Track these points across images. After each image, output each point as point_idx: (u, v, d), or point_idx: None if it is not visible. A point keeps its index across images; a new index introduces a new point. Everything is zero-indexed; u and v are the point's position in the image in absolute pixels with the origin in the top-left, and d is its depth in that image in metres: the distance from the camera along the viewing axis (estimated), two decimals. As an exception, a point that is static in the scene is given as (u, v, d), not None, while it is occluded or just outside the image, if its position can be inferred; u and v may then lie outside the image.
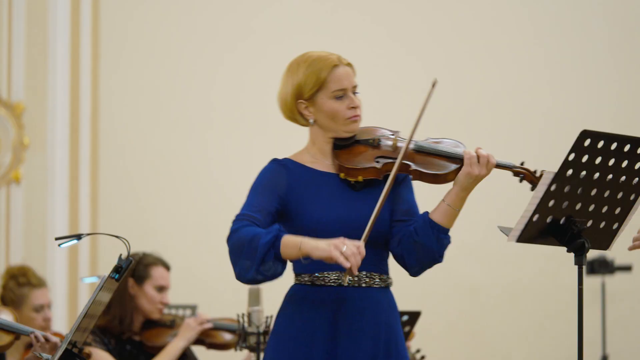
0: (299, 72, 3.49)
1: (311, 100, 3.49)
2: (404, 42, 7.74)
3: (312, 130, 3.54)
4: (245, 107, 7.80)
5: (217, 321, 5.39)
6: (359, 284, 3.43)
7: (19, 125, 7.66)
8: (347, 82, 3.49)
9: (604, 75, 7.64)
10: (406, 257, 3.47)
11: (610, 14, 7.68)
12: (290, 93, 3.51)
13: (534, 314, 7.53)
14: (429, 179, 3.47)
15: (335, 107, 3.47)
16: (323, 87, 3.47)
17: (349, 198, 3.45)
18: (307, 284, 3.46)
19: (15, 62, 7.65)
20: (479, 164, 3.42)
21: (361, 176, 3.45)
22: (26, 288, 5.34)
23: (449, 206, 3.44)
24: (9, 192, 7.65)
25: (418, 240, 3.43)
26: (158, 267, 5.40)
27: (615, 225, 3.48)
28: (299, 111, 3.52)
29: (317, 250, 3.26)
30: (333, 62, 3.49)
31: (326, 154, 3.52)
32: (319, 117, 3.49)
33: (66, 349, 3.82)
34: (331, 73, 3.48)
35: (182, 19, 7.86)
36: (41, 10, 7.66)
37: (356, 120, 3.49)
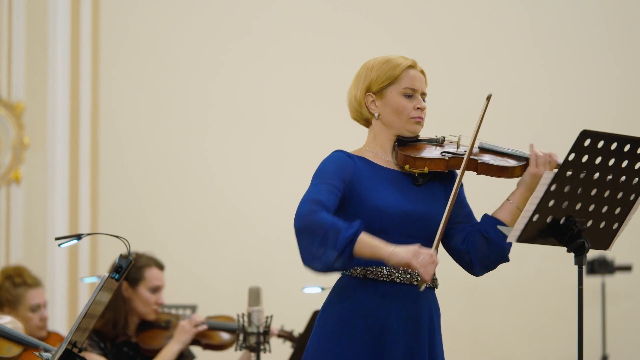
0: (374, 68, 3.58)
1: (380, 93, 3.56)
2: (404, 42, 7.73)
3: (375, 126, 3.59)
4: (245, 107, 7.80)
5: (213, 320, 5.37)
6: (410, 282, 3.47)
7: (19, 125, 7.66)
8: (418, 84, 3.58)
9: (604, 75, 7.64)
10: (473, 254, 3.54)
11: (610, 14, 7.68)
12: (362, 87, 3.58)
13: (534, 314, 7.53)
14: (496, 172, 3.53)
15: (403, 103, 3.54)
16: (395, 82, 3.55)
17: (411, 192, 3.50)
18: (358, 276, 3.46)
19: (15, 62, 7.65)
20: (543, 164, 3.51)
21: (427, 167, 3.50)
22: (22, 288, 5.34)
23: (515, 206, 3.53)
24: (9, 192, 7.65)
25: (489, 237, 3.50)
26: (151, 268, 5.38)
27: (615, 225, 3.48)
28: (366, 104, 3.57)
29: (395, 257, 3.28)
30: (410, 62, 3.59)
31: (387, 151, 3.57)
32: (384, 111, 3.56)
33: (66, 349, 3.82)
34: (405, 71, 3.56)
35: (181, 19, 7.86)
36: (41, 10, 7.66)
37: (420, 122, 3.57)
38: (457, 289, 7.39)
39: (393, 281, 3.44)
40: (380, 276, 3.44)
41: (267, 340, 4.68)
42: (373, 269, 3.44)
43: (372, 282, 3.45)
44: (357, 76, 3.63)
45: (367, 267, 3.44)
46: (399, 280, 3.44)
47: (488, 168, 3.53)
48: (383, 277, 3.44)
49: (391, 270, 3.43)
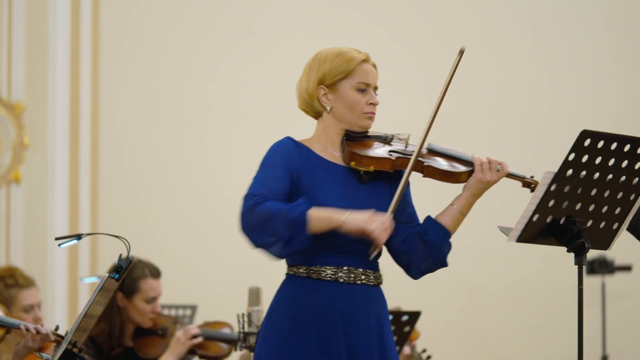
0: (327, 60, 3.57)
1: (332, 87, 3.53)
2: (404, 42, 7.73)
3: (326, 119, 3.55)
4: (244, 106, 7.80)
5: (209, 330, 5.35)
6: (354, 282, 3.42)
7: (19, 125, 7.66)
8: (372, 79, 3.55)
9: (604, 75, 7.64)
10: (411, 256, 3.48)
11: (610, 14, 7.68)
12: (314, 79, 3.55)
13: (534, 314, 7.53)
14: (441, 176, 3.48)
15: (357, 98, 3.51)
16: (349, 77, 3.53)
17: (354, 189, 3.46)
18: (302, 275, 3.44)
19: (15, 62, 7.65)
20: (490, 170, 3.45)
21: (373, 166, 3.45)
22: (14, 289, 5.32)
23: (458, 211, 3.48)
24: (9, 192, 7.65)
25: (427, 240, 3.46)
26: (147, 279, 5.34)
27: (615, 225, 3.48)
28: (317, 97, 3.54)
29: (348, 223, 3.28)
30: (364, 56, 3.59)
31: (335, 146, 3.52)
32: (336, 105, 3.52)
33: (66, 349, 3.82)
34: (360, 65, 3.56)
35: (181, 19, 7.86)
36: (41, 10, 7.66)
37: (372, 117, 3.52)
38: (457, 289, 7.39)
39: (337, 280, 3.41)
40: (324, 276, 3.41)
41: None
42: (317, 268, 3.41)
43: (316, 282, 3.41)
44: (308, 67, 3.60)
45: (310, 266, 3.42)
46: (342, 280, 3.41)
47: (434, 171, 3.47)
48: (327, 277, 3.41)
49: (335, 269, 3.40)
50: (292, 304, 3.43)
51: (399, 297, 6.29)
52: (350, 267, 3.42)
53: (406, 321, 5.17)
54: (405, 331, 5.14)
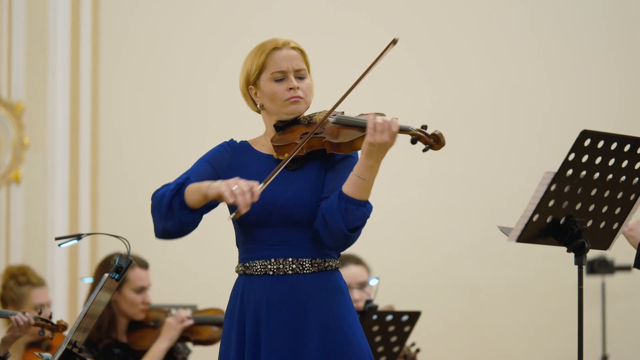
0: (248, 59, 3.57)
1: (256, 85, 3.54)
2: (404, 42, 7.72)
3: (263, 115, 3.59)
4: (244, 107, 7.78)
5: (201, 315, 5.36)
6: (284, 272, 3.41)
7: (19, 125, 7.66)
8: (286, 65, 3.51)
9: (604, 75, 7.64)
10: (320, 232, 3.36)
11: (610, 14, 7.68)
12: (242, 80, 3.58)
13: (534, 314, 7.53)
14: (340, 149, 3.39)
15: (274, 88, 3.50)
16: (263, 70, 3.52)
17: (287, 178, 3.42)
18: (240, 272, 3.52)
19: (15, 62, 7.65)
20: (380, 131, 3.28)
21: (287, 153, 3.42)
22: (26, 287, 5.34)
23: (357, 176, 3.30)
24: (9, 192, 7.65)
25: (325, 214, 3.33)
26: (134, 269, 5.37)
27: (615, 225, 3.48)
28: (250, 97, 3.57)
29: (211, 189, 3.32)
30: (274, 44, 3.54)
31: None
32: (263, 101, 3.54)
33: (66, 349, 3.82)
34: (270, 56, 3.52)
35: (181, 19, 7.86)
36: (41, 10, 7.65)
37: (296, 101, 3.50)
38: (457, 289, 7.39)
39: (267, 273, 3.42)
40: (256, 271, 3.45)
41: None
42: (249, 264, 3.47)
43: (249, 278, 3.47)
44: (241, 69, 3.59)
45: (244, 263, 3.49)
46: (272, 272, 3.42)
47: (332, 146, 3.38)
48: (257, 272, 3.45)
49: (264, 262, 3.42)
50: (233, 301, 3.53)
51: (399, 297, 6.29)
52: (279, 258, 3.41)
53: (406, 321, 5.17)
54: (405, 331, 5.14)
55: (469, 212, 7.34)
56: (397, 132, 3.29)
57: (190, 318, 5.28)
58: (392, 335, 5.04)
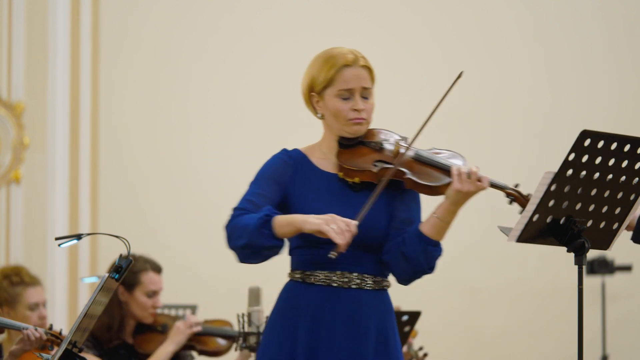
0: (315, 65, 3.52)
1: (320, 95, 3.49)
2: (404, 42, 7.73)
3: (324, 125, 3.55)
4: (245, 106, 7.80)
5: (209, 325, 5.36)
6: (348, 286, 3.41)
7: (19, 125, 7.66)
8: (354, 84, 3.47)
9: (604, 75, 7.64)
10: (393, 266, 3.44)
11: (610, 14, 7.68)
12: (306, 84, 3.52)
13: (534, 314, 7.53)
14: (422, 189, 3.45)
15: (339, 106, 3.46)
16: (330, 85, 3.47)
17: (346, 199, 3.43)
18: (298, 280, 3.45)
19: (15, 62, 7.65)
20: (468, 181, 3.37)
21: (358, 178, 3.42)
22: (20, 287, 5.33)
23: (439, 219, 3.40)
24: (9, 192, 7.65)
25: (404, 251, 3.40)
26: (148, 272, 5.36)
27: (615, 225, 3.47)
28: (312, 103, 3.52)
29: (307, 224, 3.27)
30: (346, 61, 3.51)
31: (333, 152, 3.50)
32: (325, 113, 3.50)
33: (66, 349, 3.82)
34: (339, 72, 3.48)
35: (181, 19, 7.86)
36: (41, 10, 7.65)
37: (359, 122, 3.47)
38: (457, 289, 7.39)
39: (330, 285, 3.40)
40: (317, 280, 3.41)
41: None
42: (310, 272, 3.42)
43: (311, 286, 3.42)
44: (306, 70, 3.56)
45: (305, 271, 3.43)
46: (335, 285, 3.40)
47: (414, 184, 3.43)
48: (319, 281, 3.41)
49: (328, 274, 3.40)
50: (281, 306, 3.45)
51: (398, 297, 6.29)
52: (344, 271, 3.41)
53: (406, 321, 5.17)
54: (405, 331, 5.14)
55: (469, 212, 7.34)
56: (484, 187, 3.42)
57: (199, 324, 5.28)
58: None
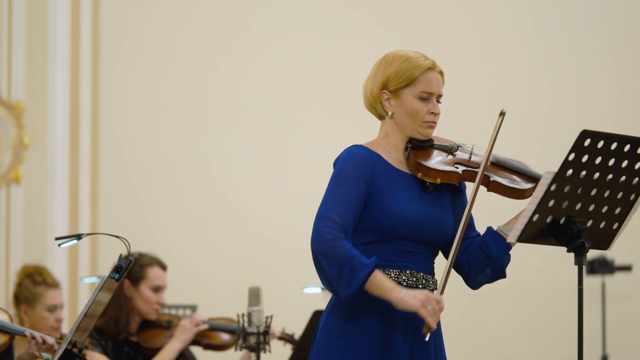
0: (393, 64, 3.55)
1: (395, 93, 3.52)
2: (404, 42, 7.72)
3: (388, 124, 3.55)
4: (245, 107, 7.80)
5: (214, 321, 5.37)
6: (416, 286, 3.45)
7: (19, 125, 7.66)
8: (435, 88, 3.54)
9: (604, 75, 7.64)
10: (472, 266, 3.53)
11: (610, 14, 7.68)
12: (379, 82, 3.53)
13: (534, 314, 7.53)
14: (506, 192, 3.52)
15: (418, 106, 3.51)
16: (412, 84, 3.52)
17: (421, 199, 3.48)
18: None
19: (15, 62, 7.65)
20: None
21: (440, 179, 3.47)
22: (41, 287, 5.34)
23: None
24: (9, 192, 7.65)
25: (489, 253, 3.50)
26: (154, 267, 5.39)
27: (615, 225, 3.47)
28: (380, 101, 3.53)
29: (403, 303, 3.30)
30: (429, 64, 3.57)
31: (400, 151, 3.53)
32: (398, 112, 3.52)
33: (66, 349, 3.82)
34: (424, 74, 3.54)
35: (181, 19, 7.86)
36: (41, 10, 7.65)
37: (432, 126, 3.53)
38: (457, 289, 7.38)
39: (400, 284, 3.42)
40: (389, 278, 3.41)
41: (267, 341, 4.68)
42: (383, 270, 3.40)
43: None
44: (375, 68, 3.58)
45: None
46: (405, 284, 3.42)
47: (499, 187, 3.52)
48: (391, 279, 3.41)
49: (398, 272, 3.42)
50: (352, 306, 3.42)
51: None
52: (413, 270, 3.45)
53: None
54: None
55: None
56: None
57: (205, 322, 5.29)
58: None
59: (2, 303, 7.30)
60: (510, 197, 3.54)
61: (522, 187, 3.53)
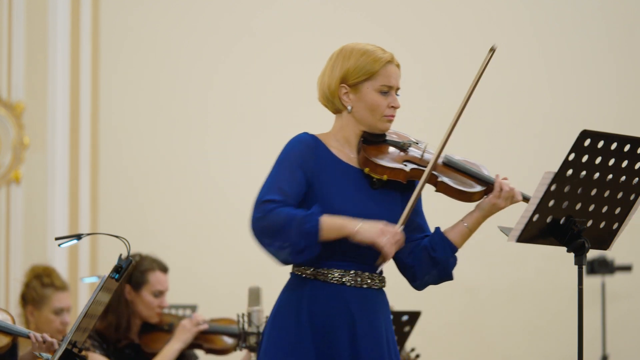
0: (352, 58, 3.50)
1: (355, 87, 3.48)
2: (404, 42, 7.73)
3: (344, 118, 3.51)
4: (244, 107, 7.80)
5: (215, 324, 5.36)
6: (360, 285, 3.41)
7: (19, 125, 7.66)
8: (394, 81, 3.51)
9: (604, 75, 7.64)
10: (416, 269, 3.49)
11: (610, 14, 7.68)
12: (337, 76, 3.50)
13: (534, 314, 7.53)
14: (454, 194, 3.47)
15: (378, 100, 3.47)
16: (372, 78, 3.48)
17: (367, 195, 3.43)
18: (308, 277, 3.42)
19: (15, 62, 7.65)
20: (505, 197, 3.45)
21: (387, 175, 3.43)
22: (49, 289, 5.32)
23: (467, 228, 3.48)
24: (9, 192, 7.65)
25: (435, 256, 3.46)
26: (155, 272, 5.37)
27: (615, 225, 3.48)
28: (339, 96, 3.50)
29: (360, 234, 3.28)
30: (388, 57, 3.53)
31: (352, 146, 3.49)
32: (357, 106, 3.48)
33: (66, 349, 3.82)
34: (384, 67, 3.50)
35: (181, 19, 7.86)
36: (41, 10, 7.65)
37: (391, 120, 3.49)
38: (457, 289, 7.39)
39: (343, 284, 3.39)
40: (331, 278, 3.39)
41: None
42: (324, 270, 3.39)
43: (322, 284, 3.40)
44: (332, 62, 3.54)
45: (318, 268, 3.39)
46: (349, 284, 3.40)
47: (446, 188, 3.46)
48: (334, 280, 3.39)
49: (342, 272, 3.39)
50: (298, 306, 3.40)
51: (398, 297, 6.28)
52: (357, 270, 3.41)
53: (406, 321, 5.17)
54: (405, 331, 5.14)
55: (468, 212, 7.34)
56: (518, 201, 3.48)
57: (205, 322, 5.28)
58: (392, 335, 5.03)
59: (2, 303, 7.30)
60: (458, 199, 3.48)
61: (470, 190, 3.46)
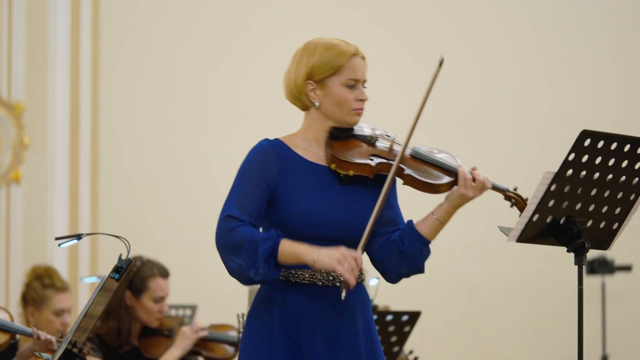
0: (316, 53, 3.45)
1: (321, 83, 3.43)
2: (404, 42, 7.73)
3: (312, 115, 3.48)
4: (244, 107, 7.80)
5: (215, 331, 5.35)
6: (332, 284, 3.38)
7: (19, 125, 7.66)
8: (360, 74, 3.45)
9: (604, 75, 7.64)
10: (386, 264, 3.44)
11: (610, 14, 7.68)
12: (303, 72, 3.45)
13: (534, 314, 7.53)
14: (421, 187, 3.42)
15: (345, 95, 3.42)
16: (338, 73, 3.42)
17: (335, 192, 3.39)
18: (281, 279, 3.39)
19: (15, 62, 7.65)
20: (473, 187, 3.39)
21: (352, 171, 3.38)
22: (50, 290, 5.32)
23: (438, 220, 3.41)
24: (9, 192, 7.65)
25: (403, 250, 3.41)
26: (156, 278, 5.36)
27: (615, 225, 3.47)
28: (305, 92, 3.46)
29: (319, 263, 3.26)
30: (353, 50, 3.46)
31: (320, 143, 3.45)
32: (324, 101, 3.44)
33: (66, 348, 3.82)
34: (349, 61, 3.43)
35: (181, 19, 7.86)
36: (41, 10, 7.66)
37: (360, 113, 3.44)
38: (457, 289, 7.39)
39: (315, 284, 3.37)
40: (302, 279, 3.37)
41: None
42: (294, 272, 3.37)
43: (294, 285, 3.38)
44: (297, 59, 3.50)
45: (289, 270, 3.37)
46: (320, 283, 3.37)
47: (412, 181, 3.40)
48: (305, 280, 3.37)
49: (313, 273, 3.36)
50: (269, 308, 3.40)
51: (398, 297, 6.29)
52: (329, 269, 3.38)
53: (406, 321, 5.16)
54: (405, 331, 5.14)
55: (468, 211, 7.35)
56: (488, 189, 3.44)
57: (205, 329, 5.28)
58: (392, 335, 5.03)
59: (2, 303, 7.30)
60: (425, 191, 3.43)
61: (437, 182, 3.40)
